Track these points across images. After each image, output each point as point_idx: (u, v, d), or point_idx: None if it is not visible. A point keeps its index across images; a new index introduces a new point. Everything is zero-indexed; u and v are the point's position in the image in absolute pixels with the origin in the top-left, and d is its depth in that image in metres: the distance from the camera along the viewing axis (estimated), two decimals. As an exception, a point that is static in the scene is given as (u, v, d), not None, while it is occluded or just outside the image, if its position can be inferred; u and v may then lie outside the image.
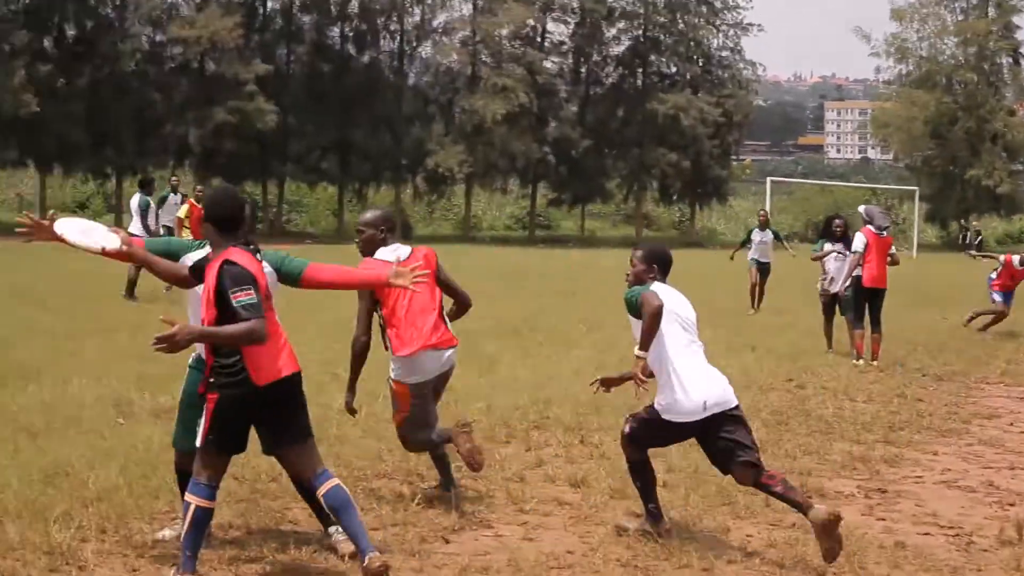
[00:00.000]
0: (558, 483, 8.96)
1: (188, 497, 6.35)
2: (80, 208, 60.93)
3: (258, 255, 6.55)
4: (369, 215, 8.54)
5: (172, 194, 24.07)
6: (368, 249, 8.25)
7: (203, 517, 6.35)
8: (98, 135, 52.30)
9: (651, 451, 7.97)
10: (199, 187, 25.59)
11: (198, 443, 6.42)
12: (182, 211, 22.41)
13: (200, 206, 19.40)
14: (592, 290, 27.03)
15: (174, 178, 25.21)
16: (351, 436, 10.09)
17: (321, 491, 6.43)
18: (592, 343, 17.36)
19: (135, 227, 21.65)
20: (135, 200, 22.73)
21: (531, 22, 60.83)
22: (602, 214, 71.89)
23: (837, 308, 17.30)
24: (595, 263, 38.10)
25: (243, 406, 6.33)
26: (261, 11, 57.87)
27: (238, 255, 6.31)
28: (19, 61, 48.41)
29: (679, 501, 8.53)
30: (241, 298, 6.14)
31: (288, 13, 58.33)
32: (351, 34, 59.71)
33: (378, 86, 58.75)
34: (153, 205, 22.79)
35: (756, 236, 24.27)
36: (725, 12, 65.41)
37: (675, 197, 65.59)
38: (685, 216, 69.27)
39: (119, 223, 52.52)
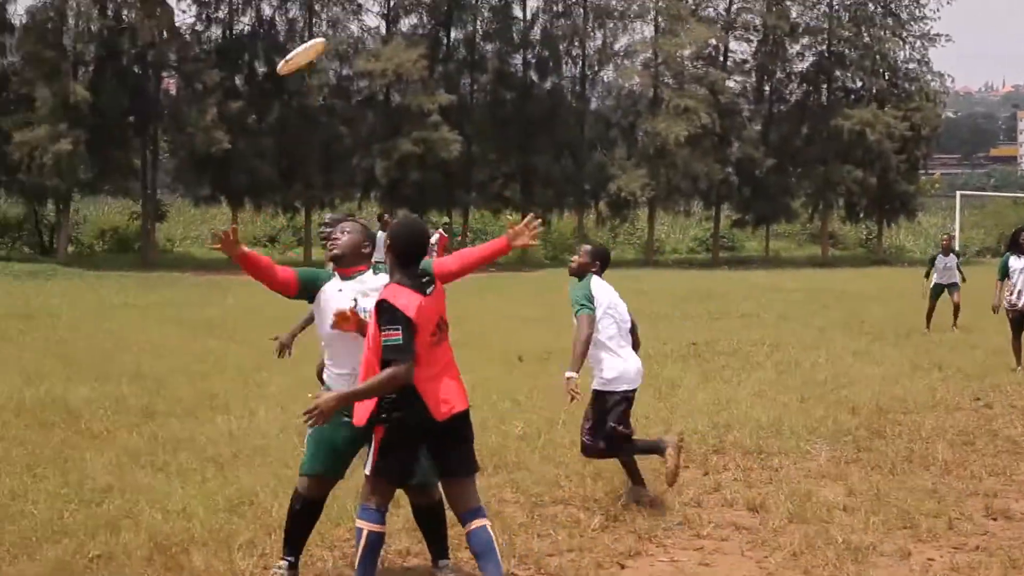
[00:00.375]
0: (736, 507, 8.91)
1: (360, 523, 6.45)
2: (271, 242, 62.54)
3: (430, 288, 6.53)
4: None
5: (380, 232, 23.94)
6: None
7: (376, 541, 6.46)
8: (287, 170, 53.49)
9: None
10: (386, 215, 25.49)
11: (367, 470, 6.53)
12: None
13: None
14: (776, 311, 26.80)
15: (386, 215, 24.98)
16: (529, 462, 10.15)
17: (468, 528, 6.47)
18: (774, 364, 17.21)
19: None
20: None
21: (713, 41, 60.47)
22: (787, 234, 71.02)
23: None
24: (779, 284, 37.68)
25: (413, 437, 6.42)
26: (445, 42, 58.55)
27: (397, 292, 6.33)
28: (211, 99, 49.75)
29: (859, 524, 8.41)
30: (387, 338, 6.18)
31: (471, 43, 58.93)
32: (533, 61, 60.03)
33: (560, 112, 58.93)
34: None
35: (940, 262, 23.66)
36: (912, 23, 64.10)
37: (861, 215, 64.41)
38: (872, 234, 68.04)
39: (307, 256, 53.81)
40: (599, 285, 8.92)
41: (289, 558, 7.04)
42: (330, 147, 54.25)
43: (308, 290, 7.12)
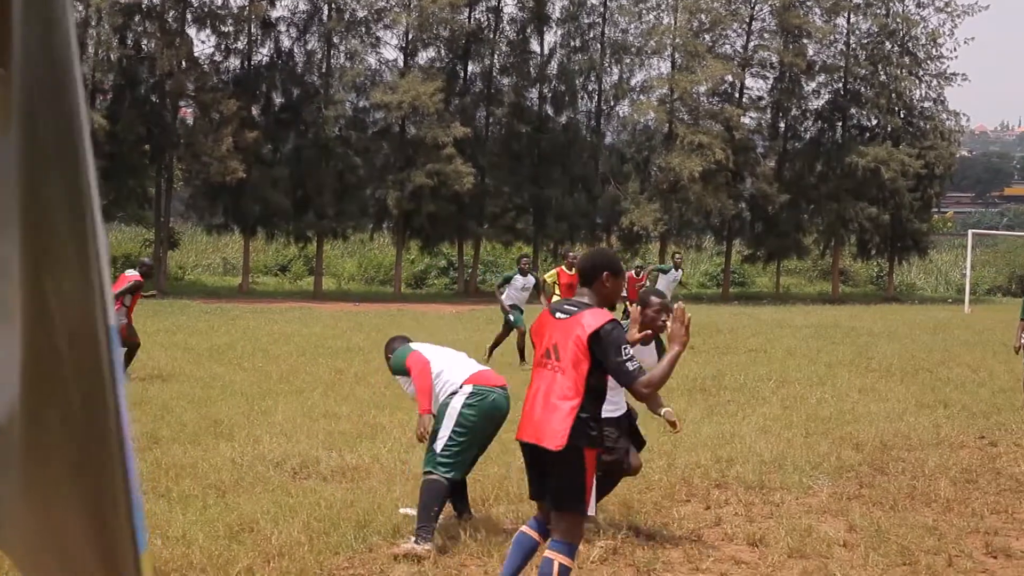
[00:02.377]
0: (736, 542, 8.93)
1: (564, 560, 6.54)
2: (282, 271, 62.65)
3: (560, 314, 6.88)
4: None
5: (519, 275, 22.59)
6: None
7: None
8: (300, 199, 53.68)
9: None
10: (571, 252, 24.60)
11: (590, 511, 6.68)
12: (550, 276, 22.16)
13: (571, 272, 19.68)
14: (783, 347, 26.79)
15: (525, 258, 23.83)
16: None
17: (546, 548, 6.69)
18: (780, 399, 17.21)
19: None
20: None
21: (729, 78, 60.53)
22: (798, 270, 70.99)
23: None
24: (788, 320, 37.66)
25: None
26: (462, 75, 58.76)
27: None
28: (227, 129, 49.89)
29: (859, 560, 8.43)
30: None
31: (488, 77, 59.09)
32: (549, 95, 60.17)
33: (575, 145, 59.02)
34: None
35: None
36: (928, 62, 64.13)
37: (873, 252, 64.39)
38: (883, 271, 67.99)
39: (319, 285, 53.94)
40: None
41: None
42: (344, 177, 54.36)
43: None
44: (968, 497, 10.67)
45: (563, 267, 21.93)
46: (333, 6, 55.11)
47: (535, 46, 59.72)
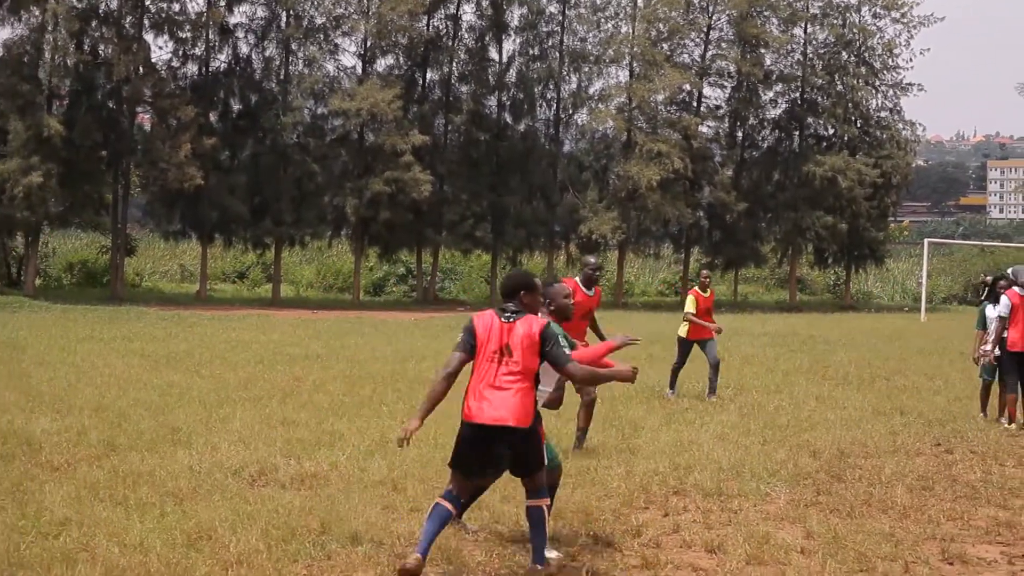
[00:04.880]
0: (694, 549, 8.95)
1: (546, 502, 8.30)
2: (240, 278, 62.37)
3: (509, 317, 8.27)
4: None
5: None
6: None
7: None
8: (258, 206, 53.45)
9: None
10: (704, 272, 21.24)
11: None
12: (689, 303, 19.31)
13: (706, 295, 19.21)
14: (741, 355, 26.86)
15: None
16: (490, 502, 10.11)
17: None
18: (738, 407, 17.28)
19: None
20: None
21: (687, 87, 60.67)
22: (755, 278, 71.27)
23: (996, 373, 16.87)
24: (746, 328, 37.78)
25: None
26: (420, 83, 58.64)
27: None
28: (185, 135, 49.59)
29: (816, 567, 8.49)
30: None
31: (447, 84, 59.00)
32: (508, 103, 60.13)
33: (533, 153, 58.94)
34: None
35: None
36: (885, 72, 64.54)
37: (830, 260, 64.73)
38: (840, 279, 68.30)
39: (277, 292, 53.76)
40: None
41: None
42: (302, 184, 54.19)
43: None
44: (924, 504, 10.75)
45: (698, 289, 19.82)
46: (292, 13, 54.98)
47: (494, 54, 59.74)
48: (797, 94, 63.96)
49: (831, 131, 64.17)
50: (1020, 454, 13.84)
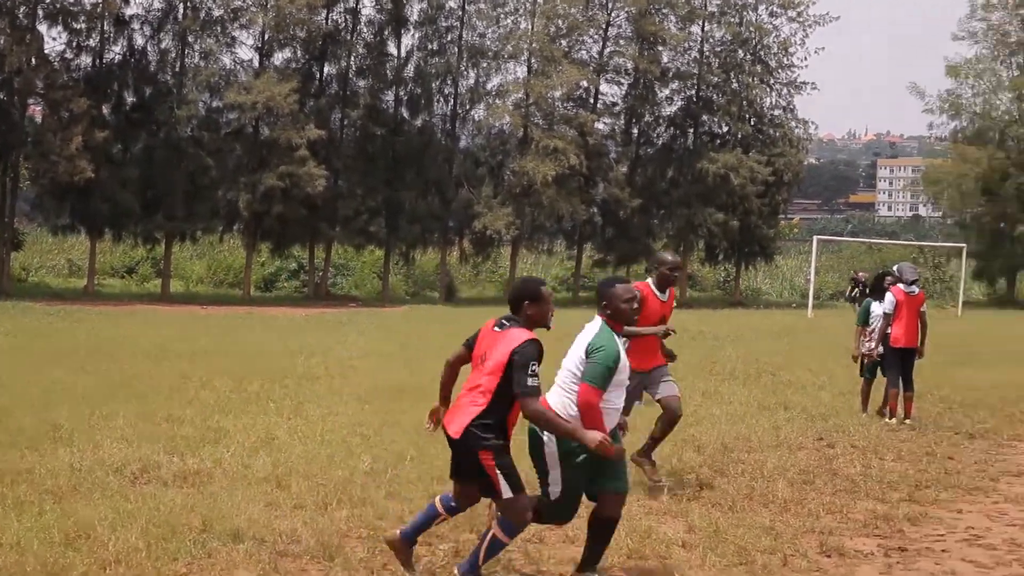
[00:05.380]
0: (577, 543, 8.93)
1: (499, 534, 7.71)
2: (129, 273, 61.54)
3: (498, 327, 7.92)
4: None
5: None
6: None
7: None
8: (150, 200, 52.78)
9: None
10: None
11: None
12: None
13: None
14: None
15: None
16: (375, 498, 10.15)
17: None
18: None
19: None
20: None
21: (584, 83, 60.91)
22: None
23: (879, 369, 17.12)
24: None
25: None
26: (317, 76, 58.31)
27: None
28: (77, 128, 48.79)
29: (697, 561, 8.59)
30: None
31: (344, 79, 58.73)
32: (405, 98, 59.93)
33: (429, 148, 58.70)
34: None
35: None
36: (780, 71, 65.33)
37: (721, 257, 65.43)
38: (730, 275, 69.02)
39: (166, 288, 53.18)
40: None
41: None
42: (195, 178, 53.60)
43: None
44: (805, 498, 10.91)
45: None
46: (188, 4, 54.38)
47: (392, 48, 59.54)
48: (693, 92, 64.55)
49: (725, 129, 64.81)
50: (899, 448, 14.09)
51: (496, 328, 7.73)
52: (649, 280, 11.69)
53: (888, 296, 16.40)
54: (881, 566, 8.75)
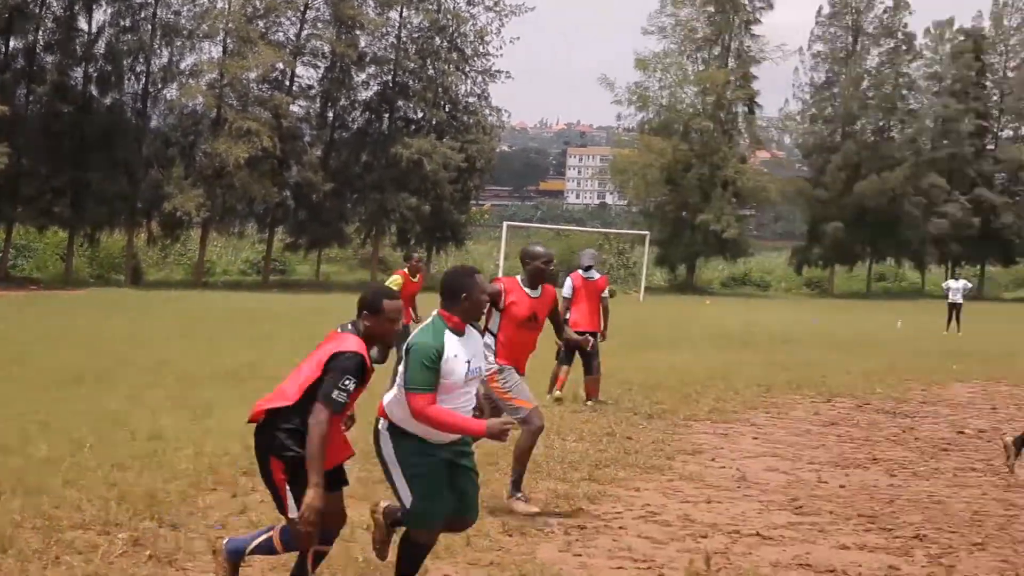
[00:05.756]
0: (260, 527, 8.89)
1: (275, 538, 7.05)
2: None
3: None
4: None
5: None
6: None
7: None
8: None
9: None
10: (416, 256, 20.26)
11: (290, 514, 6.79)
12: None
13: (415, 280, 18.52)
14: (322, 334, 26.93)
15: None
16: (51, 486, 9.82)
17: None
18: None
19: None
20: None
21: (281, 65, 60.43)
22: (339, 258, 71.64)
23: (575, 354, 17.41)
24: (329, 307, 37.97)
25: None
26: (2, 50, 56.00)
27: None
28: None
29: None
30: None
31: (31, 53, 56.63)
32: (95, 75, 58.21)
33: (119, 128, 57.19)
34: None
35: None
36: (475, 59, 66.39)
37: (412, 241, 65.95)
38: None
39: None
40: None
41: None
42: None
43: None
44: (489, 480, 11.00)
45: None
46: None
47: (83, 24, 57.86)
48: (389, 77, 64.98)
49: (420, 115, 65.42)
50: (581, 429, 14.43)
51: (339, 328, 6.97)
52: (518, 276, 10.88)
53: (567, 281, 16.82)
54: (561, 544, 8.93)
